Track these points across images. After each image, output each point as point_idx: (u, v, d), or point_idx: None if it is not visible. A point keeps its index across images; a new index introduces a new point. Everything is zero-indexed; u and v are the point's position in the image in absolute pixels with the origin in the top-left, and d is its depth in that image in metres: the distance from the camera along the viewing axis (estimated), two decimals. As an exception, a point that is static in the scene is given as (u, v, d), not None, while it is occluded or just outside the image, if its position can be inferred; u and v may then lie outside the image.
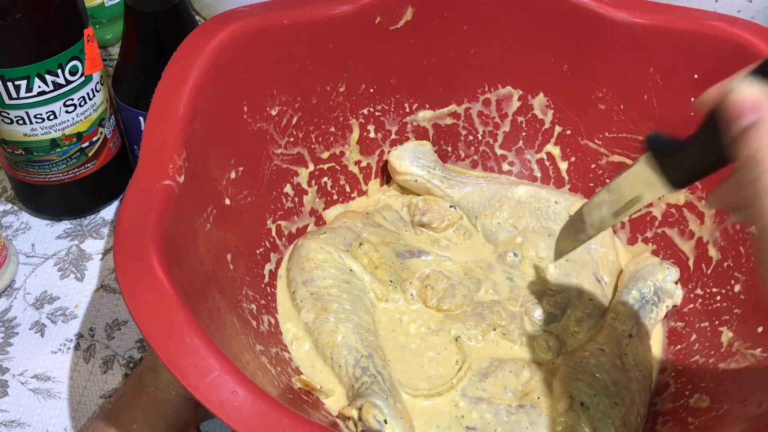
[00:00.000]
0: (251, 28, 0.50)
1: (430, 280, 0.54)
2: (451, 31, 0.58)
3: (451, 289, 0.53)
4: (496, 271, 0.56)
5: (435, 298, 0.53)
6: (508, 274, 0.56)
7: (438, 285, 0.53)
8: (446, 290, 0.53)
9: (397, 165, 0.60)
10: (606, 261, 0.57)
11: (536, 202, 0.59)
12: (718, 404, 0.44)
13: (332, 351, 0.48)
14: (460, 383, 0.48)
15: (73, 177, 0.60)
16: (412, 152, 0.61)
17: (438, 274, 0.54)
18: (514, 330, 0.52)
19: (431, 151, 0.62)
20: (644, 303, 0.53)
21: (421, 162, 0.60)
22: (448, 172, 0.61)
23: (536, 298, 0.54)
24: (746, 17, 0.67)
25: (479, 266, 0.56)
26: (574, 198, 0.60)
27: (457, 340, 0.51)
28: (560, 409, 0.45)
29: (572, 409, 0.45)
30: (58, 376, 0.54)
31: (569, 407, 0.45)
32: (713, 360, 0.47)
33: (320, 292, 0.51)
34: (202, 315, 0.37)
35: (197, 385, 0.32)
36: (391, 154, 0.61)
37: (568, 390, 0.46)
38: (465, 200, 0.60)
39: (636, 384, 0.48)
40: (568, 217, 0.44)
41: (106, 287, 0.60)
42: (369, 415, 0.43)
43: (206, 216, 0.45)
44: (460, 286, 0.54)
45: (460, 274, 0.55)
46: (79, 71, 0.55)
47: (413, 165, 0.60)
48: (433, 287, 0.53)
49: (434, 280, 0.54)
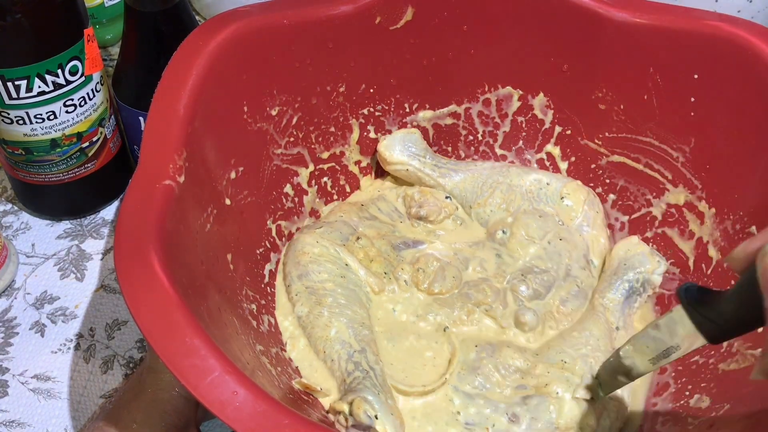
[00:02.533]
0: (251, 28, 0.50)
1: (420, 263, 0.54)
2: (451, 31, 0.58)
3: (441, 272, 0.54)
4: (485, 248, 0.57)
5: (426, 281, 0.53)
6: (496, 251, 0.57)
7: (428, 268, 0.54)
8: (436, 272, 0.54)
9: (387, 155, 0.60)
10: (597, 243, 0.58)
11: (528, 185, 0.60)
12: (718, 404, 0.44)
13: (325, 345, 0.49)
14: (452, 379, 0.48)
15: (73, 177, 0.60)
16: (402, 141, 0.61)
17: (428, 256, 0.55)
18: (497, 307, 0.52)
19: (420, 139, 0.62)
20: (631, 293, 0.54)
21: (411, 150, 0.60)
22: (439, 159, 0.62)
23: (522, 274, 0.54)
24: (746, 17, 0.67)
25: (467, 245, 0.57)
26: (567, 180, 0.60)
27: (445, 331, 0.51)
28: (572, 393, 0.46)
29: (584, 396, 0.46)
30: (58, 376, 0.54)
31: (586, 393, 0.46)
32: (713, 360, 0.47)
33: (315, 286, 0.51)
34: (202, 315, 0.37)
35: (197, 385, 0.32)
36: (381, 144, 0.61)
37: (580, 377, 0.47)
38: (458, 189, 0.60)
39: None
40: (613, 355, 0.45)
41: (106, 287, 0.60)
42: (360, 409, 0.43)
43: (206, 216, 0.45)
44: (449, 267, 0.54)
45: (450, 255, 0.56)
46: (79, 71, 0.55)
47: (403, 154, 0.60)
48: (424, 270, 0.54)
49: (424, 263, 0.54)
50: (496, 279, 0.54)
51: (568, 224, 0.58)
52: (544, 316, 0.52)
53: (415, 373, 0.49)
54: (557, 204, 0.59)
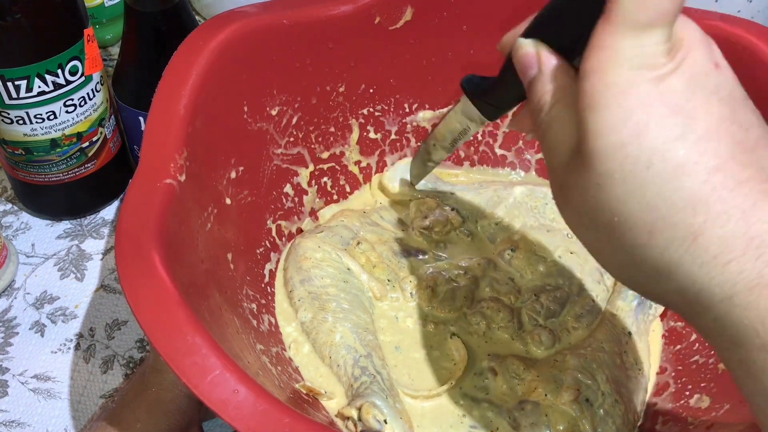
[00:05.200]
0: (251, 28, 0.50)
1: (430, 281, 0.54)
2: (451, 31, 0.58)
3: (451, 293, 0.53)
4: (495, 268, 0.56)
5: (435, 301, 0.53)
6: (506, 270, 0.56)
7: (439, 287, 0.53)
8: (447, 293, 0.53)
9: (391, 187, 0.60)
10: None
11: (532, 201, 0.59)
12: (718, 404, 0.44)
13: (330, 350, 0.48)
14: (460, 383, 0.48)
15: (73, 177, 0.60)
16: (404, 172, 0.61)
17: (438, 275, 0.54)
18: (511, 326, 0.52)
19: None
20: (643, 300, 0.53)
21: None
22: (442, 183, 0.61)
23: (535, 293, 0.54)
24: (746, 17, 0.67)
25: (477, 263, 0.56)
26: None
27: (452, 338, 0.51)
28: (565, 399, 0.45)
29: (577, 401, 0.45)
30: (58, 376, 0.54)
31: (575, 399, 0.45)
32: (713, 360, 0.47)
33: (318, 292, 0.51)
34: (203, 314, 0.37)
35: (198, 384, 0.32)
36: (384, 176, 0.61)
37: (576, 383, 0.46)
38: (463, 206, 0.60)
39: (634, 382, 0.48)
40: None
41: (106, 287, 0.60)
42: (369, 415, 0.43)
43: (207, 215, 0.45)
44: (461, 289, 0.53)
45: (460, 275, 0.55)
46: (79, 71, 0.55)
47: (406, 184, 0.61)
48: (433, 290, 0.53)
49: (434, 281, 0.54)
50: (507, 298, 0.53)
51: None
52: (559, 334, 0.52)
53: (422, 377, 0.49)
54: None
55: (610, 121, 0.27)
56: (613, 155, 0.28)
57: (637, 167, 0.27)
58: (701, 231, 0.27)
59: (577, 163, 0.30)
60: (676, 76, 0.27)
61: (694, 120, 0.27)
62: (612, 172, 0.28)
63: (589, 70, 0.28)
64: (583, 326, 0.52)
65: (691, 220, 0.27)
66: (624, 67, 0.27)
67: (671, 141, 0.27)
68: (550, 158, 0.32)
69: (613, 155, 0.28)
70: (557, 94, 0.31)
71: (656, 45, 0.27)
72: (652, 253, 0.28)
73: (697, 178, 0.27)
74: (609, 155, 0.28)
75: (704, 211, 0.27)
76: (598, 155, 0.28)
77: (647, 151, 0.27)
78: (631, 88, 0.27)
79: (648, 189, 0.27)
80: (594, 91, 0.28)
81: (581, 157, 0.29)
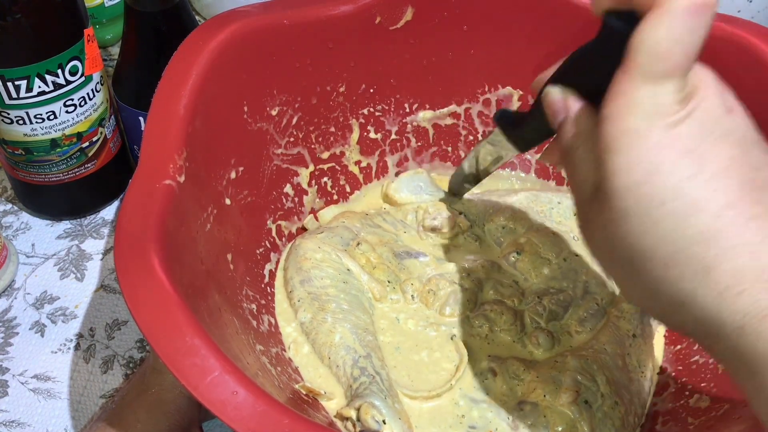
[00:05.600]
0: (251, 28, 0.50)
1: (432, 284, 0.53)
2: (451, 31, 0.58)
3: (454, 295, 0.53)
4: (499, 271, 0.56)
5: (437, 304, 0.53)
6: (511, 273, 0.56)
7: (440, 290, 0.53)
8: (449, 296, 0.53)
9: (397, 197, 0.60)
10: None
11: (538, 206, 0.59)
12: (718, 404, 0.44)
13: (330, 351, 0.48)
14: (459, 384, 0.48)
15: (73, 177, 0.60)
16: (408, 182, 0.61)
17: (440, 278, 0.54)
18: (513, 329, 0.52)
19: (428, 178, 0.62)
20: None
21: (419, 188, 0.61)
22: (447, 195, 0.61)
23: (538, 296, 0.53)
24: (746, 17, 0.67)
25: (481, 266, 0.56)
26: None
27: (453, 339, 0.51)
28: (563, 400, 0.45)
29: (575, 403, 0.45)
30: (58, 376, 0.54)
31: (573, 401, 0.45)
32: (713, 360, 0.47)
33: (318, 292, 0.51)
34: (202, 315, 0.37)
35: (197, 385, 0.32)
36: (390, 187, 0.61)
37: (576, 385, 0.46)
38: (469, 210, 0.60)
39: (636, 385, 0.48)
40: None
41: (106, 287, 0.60)
42: (367, 415, 0.43)
43: (206, 216, 0.45)
44: (464, 292, 0.53)
45: (463, 278, 0.55)
46: (79, 71, 0.55)
47: (412, 193, 0.60)
48: (435, 293, 0.53)
49: (436, 284, 0.53)
50: (511, 301, 0.53)
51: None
52: (559, 336, 0.51)
53: (421, 378, 0.49)
54: (570, 220, 0.58)
55: (626, 163, 0.30)
56: (630, 194, 0.30)
57: (652, 204, 0.29)
58: (714, 264, 0.28)
59: (598, 200, 0.32)
60: (688, 122, 0.29)
61: (705, 160, 0.29)
62: (629, 209, 0.30)
63: (608, 115, 0.31)
64: (586, 329, 0.52)
65: (704, 254, 0.29)
66: (639, 115, 0.30)
67: (684, 180, 0.29)
68: (576, 194, 0.35)
69: (629, 194, 0.30)
70: (582, 136, 0.34)
71: (669, 94, 0.29)
72: (669, 285, 0.30)
73: (709, 214, 0.29)
74: (626, 193, 0.30)
75: (716, 246, 0.28)
76: (616, 193, 0.30)
77: (661, 190, 0.29)
78: (645, 133, 0.29)
79: (663, 225, 0.29)
80: (611, 135, 0.30)
81: (602, 195, 0.31)
